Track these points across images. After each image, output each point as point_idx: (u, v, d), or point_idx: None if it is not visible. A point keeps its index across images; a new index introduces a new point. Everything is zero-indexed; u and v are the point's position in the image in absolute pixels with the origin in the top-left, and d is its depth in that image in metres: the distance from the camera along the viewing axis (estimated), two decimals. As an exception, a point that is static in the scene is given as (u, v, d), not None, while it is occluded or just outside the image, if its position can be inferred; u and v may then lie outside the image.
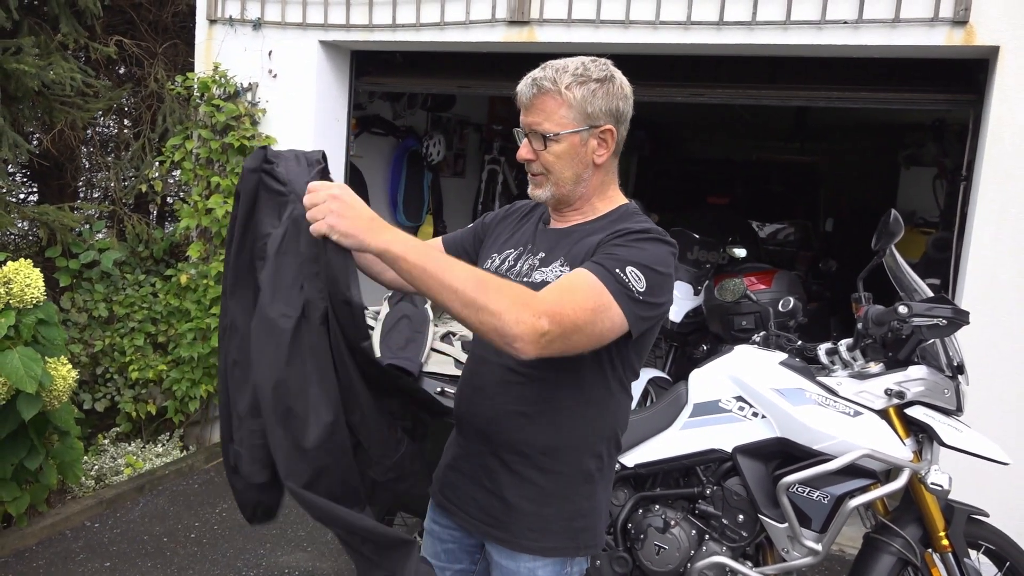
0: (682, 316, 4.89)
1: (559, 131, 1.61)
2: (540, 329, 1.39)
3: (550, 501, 1.67)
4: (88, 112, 4.53)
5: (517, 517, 1.67)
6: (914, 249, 5.61)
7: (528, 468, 1.67)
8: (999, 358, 3.45)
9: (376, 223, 1.41)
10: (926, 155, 6.96)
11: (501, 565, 1.73)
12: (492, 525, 1.70)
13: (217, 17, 4.77)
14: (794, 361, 2.60)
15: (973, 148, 3.70)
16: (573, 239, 1.67)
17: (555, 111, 1.61)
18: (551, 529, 1.67)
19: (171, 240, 4.93)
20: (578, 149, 1.64)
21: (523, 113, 1.65)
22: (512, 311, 1.38)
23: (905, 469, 2.41)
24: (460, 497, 1.77)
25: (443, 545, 1.86)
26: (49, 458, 3.54)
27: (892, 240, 2.54)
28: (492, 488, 1.70)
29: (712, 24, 3.76)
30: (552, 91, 1.60)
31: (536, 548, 1.67)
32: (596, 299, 1.48)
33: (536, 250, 1.72)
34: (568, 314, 1.43)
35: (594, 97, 1.61)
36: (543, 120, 1.62)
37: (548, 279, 1.62)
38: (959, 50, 3.52)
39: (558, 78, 1.60)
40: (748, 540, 2.55)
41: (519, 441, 1.67)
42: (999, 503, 3.22)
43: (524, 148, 1.67)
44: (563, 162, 1.64)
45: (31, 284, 3.22)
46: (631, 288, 1.51)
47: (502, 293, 1.41)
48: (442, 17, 4.27)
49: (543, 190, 1.68)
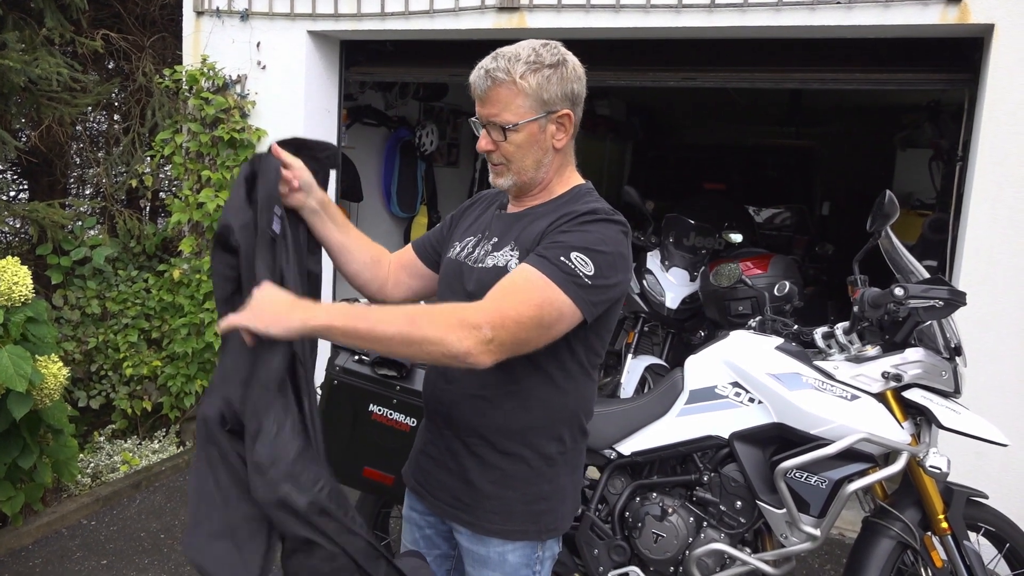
0: (678, 302, 4.87)
1: (517, 121, 1.61)
2: (484, 338, 1.43)
3: (512, 484, 1.68)
4: (76, 107, 4.49)
5: (480, 500, 1.68)
6: (911, 231, 5.59)
7: (490, 452, 1.67)
8: (996, 339, 3.43)
9: (294, 306, 1.43)
10: (922, 136, 6.92)
11: (472, 551, 1.73)
12: (458, 508, 1.72)
13: (204, 9, 4.73)
14: (790, 346, 2.58)
15: (968, 128, 3.67)
16: (524, 223, 1.68)
17: (511, 101, 1.60)
18: (513, 512, 1.68)
19: (163, 235, 4.90)
20: (537, 136, 1.63)
21: (479, 104, 1.65)
22: (451, 332, 1.42)
23: (903, 452, 2.40)
24: (429, 481, 1.78)
25: (421, 532, 1.87)
26: (43, 456, 3.51)
27: (887, 222, 2.52)
28: (457, 471, 1.71)
29: (704, 7, 3.72)
30: (507, 81, 1.59)
31: (499, 531, 1.68)
32: (540, 293, 1.49)
33: (491, 235, 1.72)
34: (510, 315, 1.46)
35: (549, 83, 1.60)
36: (500, 111, 1.61)
37: (499, 263, 1.64)
38: (953, 29, 3.49)
39: (511, 68, 1.58)
40: (746, 526, 2.53)
41: (480, 425, 1.67)
42: (998, 485, 3.22)
43: (483, 139, 1.66)
44: (523, 151, 1.64)
45: (19, 282, 3.19)
46: (578, 274, 1.52)
47: (434, 320, 1.44)
48: (431, 5, 4.22)
49: (505, 179, 1.68)
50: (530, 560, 1.72)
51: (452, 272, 1.76)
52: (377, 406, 2.51)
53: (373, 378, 2.51)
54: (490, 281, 1.58)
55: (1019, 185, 3.38)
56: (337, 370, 2.56)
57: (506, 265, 1.63)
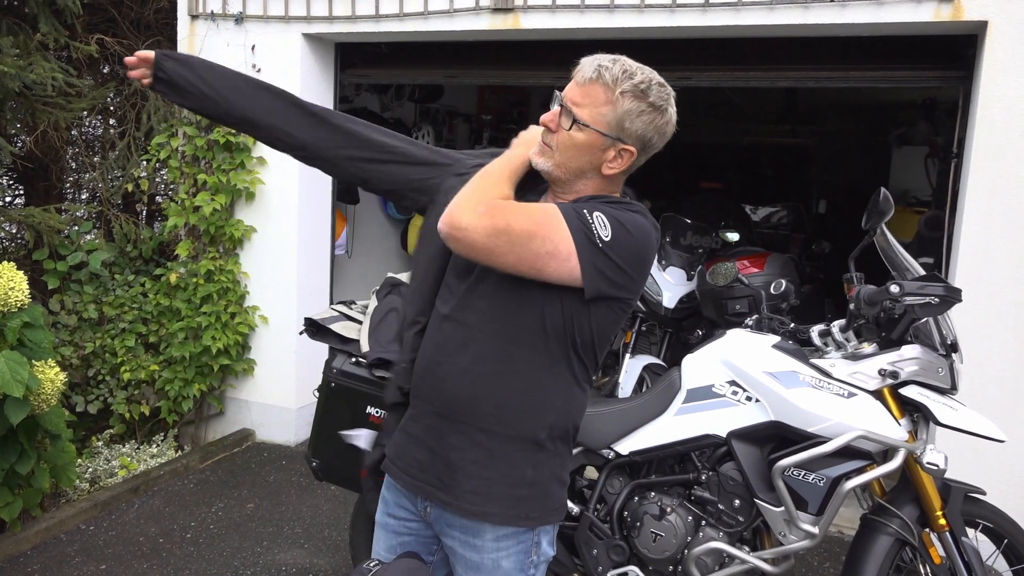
0: (676, 302, 4.88)
1: (589, 123, 1.59)
2: (478, 211, 1.53)
3: (495, 465, 1.66)
4: (71, 112, 4.48)
5: (460, 479, 1.67)
6: (907, 228, 5.60)
7: (476, 431, 1.66)
8: (992, 335, 3.44)
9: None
10: (917, 134, 6.94)
11: (465, 558, 1.72)
12: (435, 487, 1.70)
13: (199, 12, 4.73)
14: (787, 344, 2.58)
15: (963, 125, 3.68)
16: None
17: (599, 106, 1.59)
18: (493, 493, 1.67)
19: (159, 239, 4.90)
20: (594, 150, 1.62)
21: (572, 86, 1.62)
22: (462, 199, 1.57)
23: (901, 449, 2.40)
24: (405, 460, 1.76)
25: (399, 538, 1.83)
26: (41, 462, 3.51)
27: (882, 219, 2.52)
28: (439, 450, 1.69)
29: (698, 6, 3.73)
30: (608, 86, 1.57)
31: (477, 512, 1.67)
32: (543, 216, 1.55)
33: None
34: (509, 212, 1.54)
35: (638, 117, 1.59)
36: (584, 105, 1.59)
37: None
38: (947, 26, 3.50)
39: (620, 79, 1.57)
40: (745, 525, 2.53)
41: (468, 399, 1.66)
42: (996, 481, 3.23)
43: (552, 115, 1.64)
44: (574, 151, 1.62)
45: (15, 287, 3.19)
46: (593, 231, 1.54)
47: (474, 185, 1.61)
48: (425, 6, 4.22)
49: (544, 160, 1.66)
50: (524, 565, 1.71)
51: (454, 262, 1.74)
52: (375, 408, 2.51)
53: (370, 380, 2.50)
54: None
55: (1014, 181, 3.39)
56: (334, 372, 2.56)
57: None
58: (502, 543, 1.69)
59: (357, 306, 2.76)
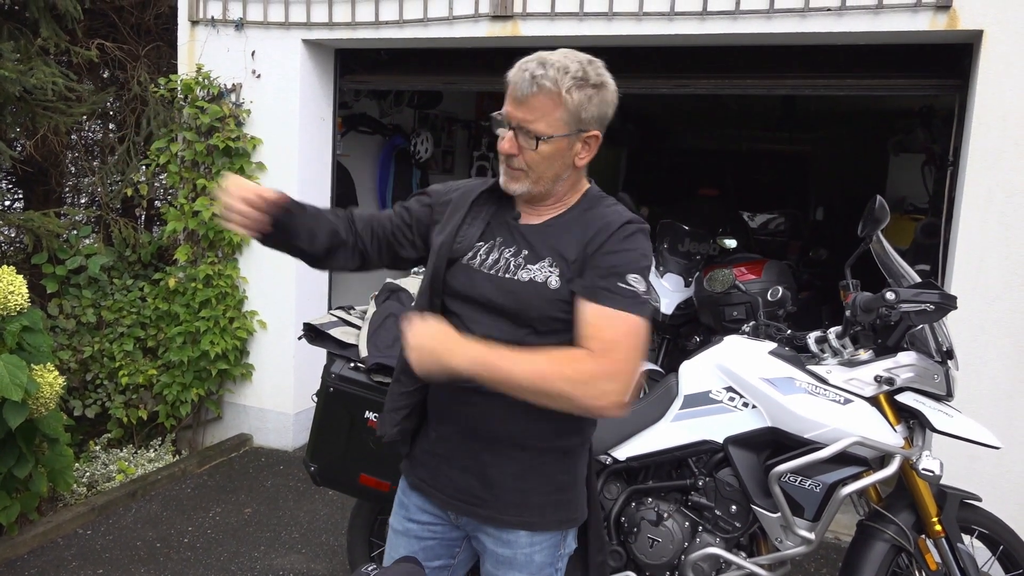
0: (673, 308, 4.89)
1: (552, 133, 1.59)
2: (620, 401, 1.54)
3: (531, 477, 1.70)
4: (71, 117, 4.49)
5: (500, 494, 1.70)
6: (904, 235, 5.62)
7: (508, 447, 1.69)
8: (988, 342, 3.45)
9: (446, 349, 1.56)
10: (914, 141, 6.95)
11: (496, 553, 1.74)
12: (475, 504, 1.72)
13: (199, 18, 4.74)
14: (783, 350, 2.59)
15: (959, 133, 3.70)
16: (552, 235, 1.68)
17: (551, 112, 1.58)
18: (532, 503, 1.70)
19: (158, 244, 4.90)
20: (564, 152, 1.63)
21: (513, 106, 1.60)
22: (584, 389, 1.52)
23: (896, 456, 2.41)
24: (438, 479, 1.77)
25: (421, 543, 1.84)
26: (39, 466, 3.51)
27: (878, 227, 2.53)
28: (474, 468, 1.71)
29: (696, 14, 3.75)
30: (552, 92, 1.57)
31: (520, 523, 1.70)
32: (636, 333, 1.58)
33: (515, 246, 1.70)
34: (631, 368, 1.57)
35: (589, 103, 1.60)
36: (537, 119, 1.58)
37: (537, 278, 1.64)
38: (942, 35, 3.52)
39: (560, 79, 1.56)
40: (741, 531, 2.54)
41: (508, 431, 1.67)
42: (991, 487, 3.24)
43: (508, 142, 1.63)
44: (547, 163, 1.63)
45: (14, 291, 3.20)
46: (638, 294, 1.59)
47: (564, 375, 1.53)
48: (425, 13, 4.25)
49: (520, 185, 1.66)
50: (554, 558, 1.76)
51: (465, 280, 1.70)
52: (373, 412, 2.52)
53: (369, 384, 2.51)
54: (530, 296, 1.62)
55: (1009, 189, 3.41)
56: (333, 377, 2.56)
57: (546, 281, 1.63)
58: (535, 538, 1.73)
59: (356, 311, 2.77)
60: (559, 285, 1.62)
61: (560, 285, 1.62)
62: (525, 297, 1.62)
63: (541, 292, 1.62)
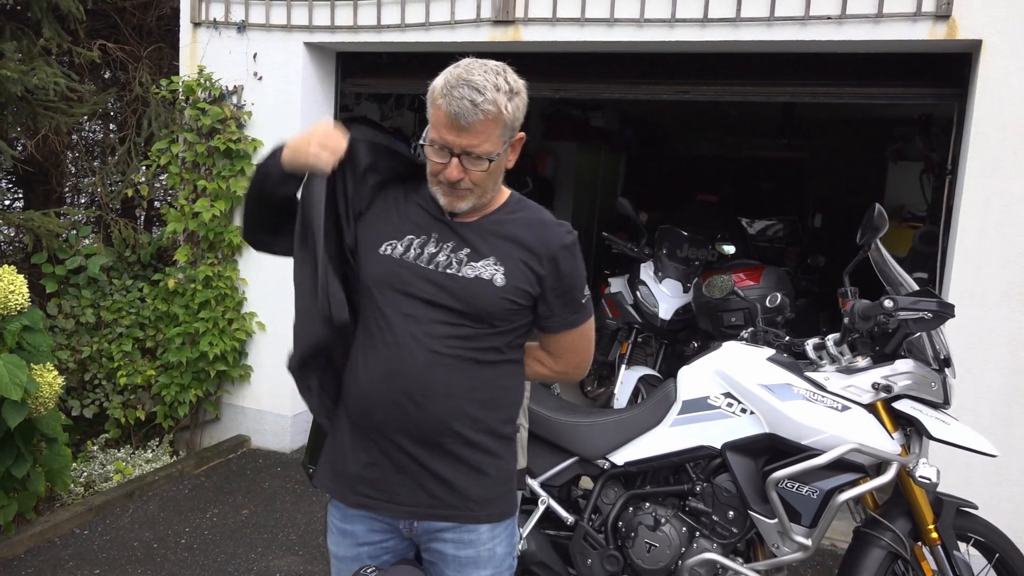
0: (672, 313, 4.90)
1: (499, 151, 1.64)
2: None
3: (485, 470, 1.74)
4: (73, 117, 4.50)
5: (457, 490, 1.72)
6: (903, 243, 5.64)
7: (459, 446, 1.71)
8: (986, 350, 3.47)
9: None
10: (913, 149, 6.98)
11: (459, 557, 1.75)
12: (432, 506, 1.72)
13: (201, 20, 4.75)
14: (782, 357, 2.60)
15: (957, 142, 3.72)
16: (492, 232, 1.73)
17: (494, 132, 1.62)
18: (492, 496, 1.76)
19: (158, 244, 4.91)
20: (504, 161, 1.69)
21: (455, 134, 1.60)
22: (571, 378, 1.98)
23: (893, 463, 2.42)
24: (388, 492, 1.73)
25: (377, 560, 1.82)
26: (37, 465, 3.51)
27: (877, 234, 2.55)
28: (424, 474, 1.71)
29: (696, 21, 3.77)
30: (495, 113, 1.59)
31: (485, 516, 1.75)
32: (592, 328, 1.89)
33: (453, 242, 1.71)
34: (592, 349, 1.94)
35: (518, 111, 1.65)
36: (482, 142, 1.61)
37: (483, 275, 1.68)
38: (942, 44, 3.54)
39: (498, 100, 1.59)
40: (738, 536, 2.55)
41: (445, 419, 1.69)
42: (988, 495, 3.25)
43: (455, 169, 1.62)
44: (493, 176, 1.69)
45: (15, 290, 3.20)
46: (588, 297, 1.82)
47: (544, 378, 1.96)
48: (427, 17, 4.26)
49: (467, 202, 1.69)
50: (511, 547, 1.83)
51: (393, 272, 1.70)
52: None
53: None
54: (479, 293, 1.67)
55: (1008, 198, 3.42)
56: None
57: (492, 279, 1.68)
58: (495, 531, 1.77)
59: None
60: (504, 283, 1.68)
61: (505, 283, 1.68)
62: (472, 293, 1.67)
63: (487, 289, 1.67)
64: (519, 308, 1.71)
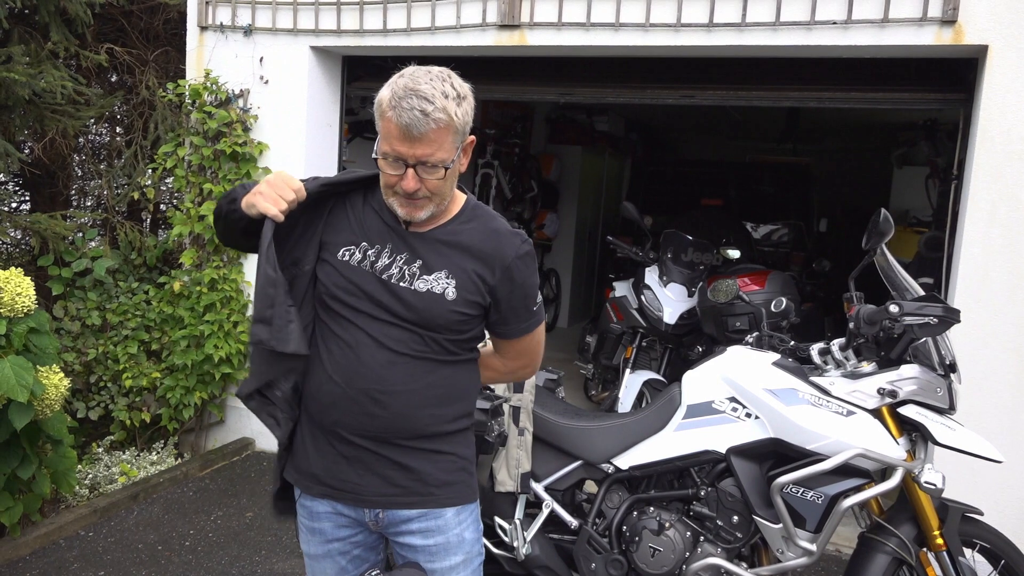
0: (676, 318, 4.89)
1: (452, 157, 1.64)
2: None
3: (444, 456, 1.78)
4: (79, 120, 4.52)
5: (422, 476, 1.76)
6: (908, 248, 5.63)
7: (421, 439, 1.74)
8: (991, 356, 3.46)
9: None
10: (918, 154, 6.98)
11: (428, 546, 1.78)
12: (399, 494, 1.75)
13: (208, 24, 4.77)
14: (787, 361, 2.60)
15: (963, 147, 3.71)
16: (443, 243, 1.75)
17: (446, 139, 1.62)
18: (456, 481, 1.80)
19: (164, 247, 4.92)
20: (457, 166, 1.69)
21: (408, 145, 1.59)
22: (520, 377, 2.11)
23: (899, 468, 2.41)
24: (353, 483, 1.76)
25: (348, 556, 1.86)
26: (42, 467, 3.52)
27: (882, 239, 2.54)
28: (386, 465, 1.74)
29: (702, 26, 3.77)
30: (446, 121, 1.60)
31: (447, 499, 1.78)
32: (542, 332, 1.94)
33: (406, 254, 1.73)
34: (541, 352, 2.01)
35: (467, 115, 1.66)
36: (436, 151, 1.61)
37: (434, 288, 1.70)
38: (948, 49, 3.54)
39: (447, 106, 1.59)
40: (743, 541, 2.54)
41: (405, 417, 1.72)
42: (993, 501, 3.24)
43: (411, 180, 1.62)
44: (448, 183, 1.69)
45: (22, 293, 3.21)
46: (540, 304, 1.87)
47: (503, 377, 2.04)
48: (433, 22, 4.27)
49: (425, 211, 1.69)
50: (478, 532, 1.87)
51: (351, 279, 1.72)
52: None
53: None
54: (430, 306, 1.69)
55: (1013, 203, 3.42)
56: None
57: (443, 292, 1.70)
58: (460, 516, 1.81)
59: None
60: (455, 296, 1.70)
61: (456, 296, 1.70)
62: (428, 306, 1.69)
63: (439, 302, 1.70)
64: (470, 318, 1.74)
